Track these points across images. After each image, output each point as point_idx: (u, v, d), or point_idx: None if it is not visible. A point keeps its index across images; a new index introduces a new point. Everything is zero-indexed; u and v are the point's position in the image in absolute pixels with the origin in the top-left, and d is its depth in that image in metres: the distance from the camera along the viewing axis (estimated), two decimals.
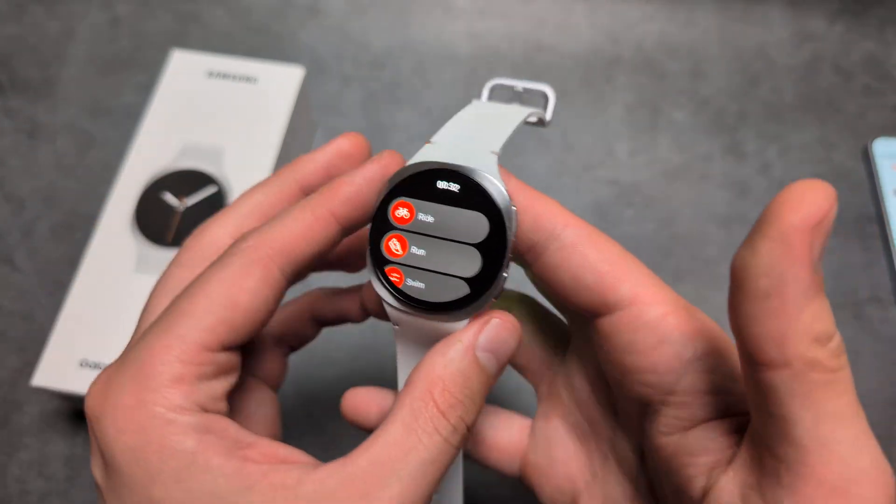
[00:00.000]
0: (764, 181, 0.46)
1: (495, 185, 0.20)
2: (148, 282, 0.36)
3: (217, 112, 0.41)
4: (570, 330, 0.25)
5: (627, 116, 0.48)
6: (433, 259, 0.21)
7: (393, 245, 0.21)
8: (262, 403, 0.26)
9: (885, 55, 0.50)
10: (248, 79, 0.42)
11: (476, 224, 0.20)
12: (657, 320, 0.19)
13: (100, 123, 0.48)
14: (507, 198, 0.20)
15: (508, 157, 0.47)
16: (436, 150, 0.21)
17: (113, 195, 0.39)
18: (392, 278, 0.21)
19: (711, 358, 0.19)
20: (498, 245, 0.20)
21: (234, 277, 0.20)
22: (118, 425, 0.18)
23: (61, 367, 0.34)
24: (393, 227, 0.21)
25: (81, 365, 0.34)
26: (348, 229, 0.22)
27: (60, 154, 0.47)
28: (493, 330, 0.21)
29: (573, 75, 0.50)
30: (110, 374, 0.19)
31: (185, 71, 0.43)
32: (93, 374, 0.34)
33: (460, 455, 0.24)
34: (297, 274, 0.22)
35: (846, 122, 0.48)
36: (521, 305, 0.26)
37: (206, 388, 0.20)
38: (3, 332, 0.41)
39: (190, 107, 0.42)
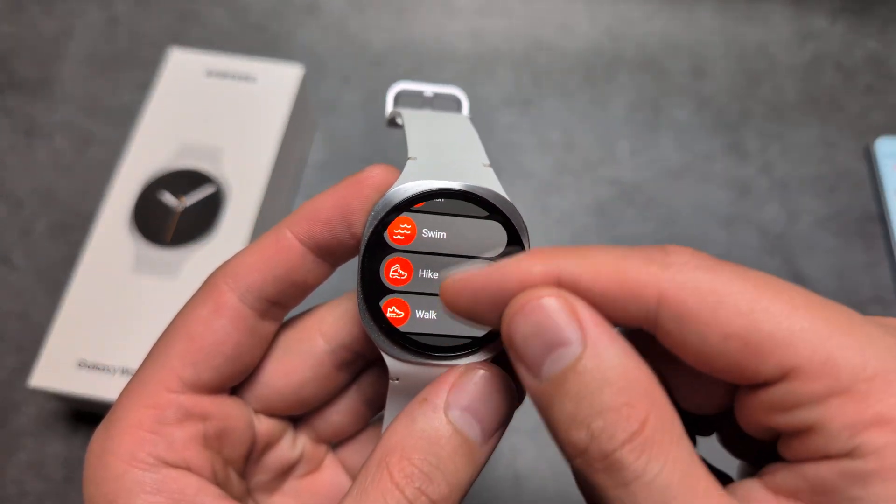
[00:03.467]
0: (765, 180, 0.46)
1: (506, 201, 0.18)
2: (146, 282, 0.36)
3: (216, 111, 0.41)
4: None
5: (629, 115, 0.48)
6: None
7: (395, 271, 0.18)
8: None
9: (887, 54, 0.50)
10: (246, 78, 0.42)
11: (492, 234, 0.18)
12: (816, 400, 0.14)
13: (98, 122, 0.47)
14: (519, 214, 0.18)
15: (509, 156, 0.47)
16: (424, 167, 0.18)
17: (111, 194, 0.39)
18: (395, 314, 0.17)
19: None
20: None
21: (190, 309, 0.19)
22: (86, 474, 0.18)
23: (59, 368, 0.34)
24: (393, 249, 0.18)
25: (79, 365, 0.34)
26: (324, 254, 0.20)
27: (58, 153, 0.46)
28: (473, 386, 0.17)
29: (574, 74, 0.50)
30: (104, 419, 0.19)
31: (183, 70, 0.43)
32: (91, 375, 0.34)
33: None
34: (267, 300, 0.19)
35: (848, 122, 0.48)
36: None
37: (168, 436, 0.18)
38: (0, 332, 0.41)
39: (188, 106, 0.41)
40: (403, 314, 0.18)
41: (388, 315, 0.18)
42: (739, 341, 0.14)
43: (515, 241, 0.18)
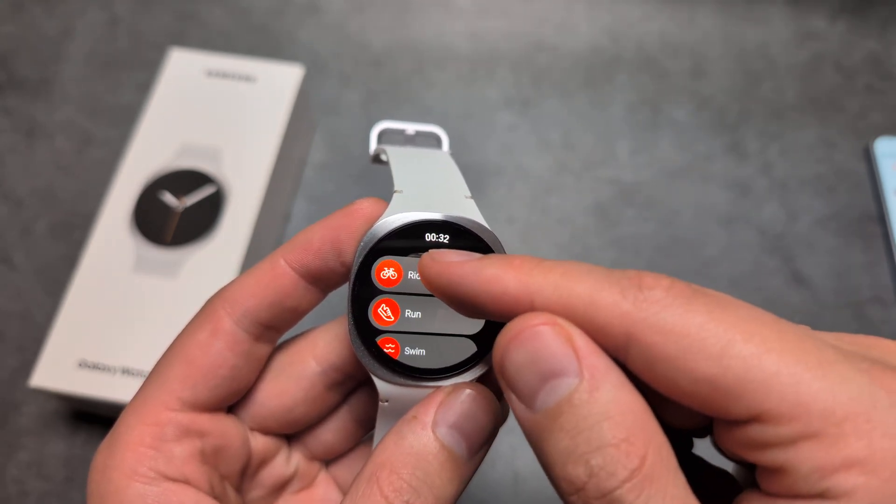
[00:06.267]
0: (765, 181, 0.46)
1: (487, 230, 0.19)
2: (147, 282, 0.36)
3: (216, 111, 0.41)
4: None
5: (628, 116, 0.48)
6: (431, 320, 0.19)
7: (383, 312, 0.19)
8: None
9: (886, 54, 0.50)
10: (246, 78, 0.42)
11: None
12: (786, 443, 0.14)
13: (98, 122, 0.47)
14: (500, 243, 0.19)
15: (509, 156, 0.47)
16: (409, 200, 0.19)
17: (111, 195, 0.39)
18: (387, 350, 0.19)
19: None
20: None
21: (189, 333, 0.20)
22: (89, 488, 0.19)
23: (60, 368, 0.34)
24: (380, 291, 0.19)
25: (80, 365, 0.34)
26: (316, 281, 0.21)
27: (59, 153, 0.46)
28: (459, 404, 0.18)
29: (574, 74, 0.50)
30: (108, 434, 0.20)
31: (183, 70, 0.43)
32: (91, 375, 0.34)
33: None
34: (262, 325, 0.20)
35: (848, 122, 0.48)
36: None
37: (168, 452, 0.19)
38: (1, 332, 0.41)
39: (188, 106, 0.41)
40: (394, 348, 0.19)
41: (385, 350, 0.19)
42: (708, 385, 0.14)
43: None
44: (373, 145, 0.24)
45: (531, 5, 0.52)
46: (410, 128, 0.24)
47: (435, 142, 0.25)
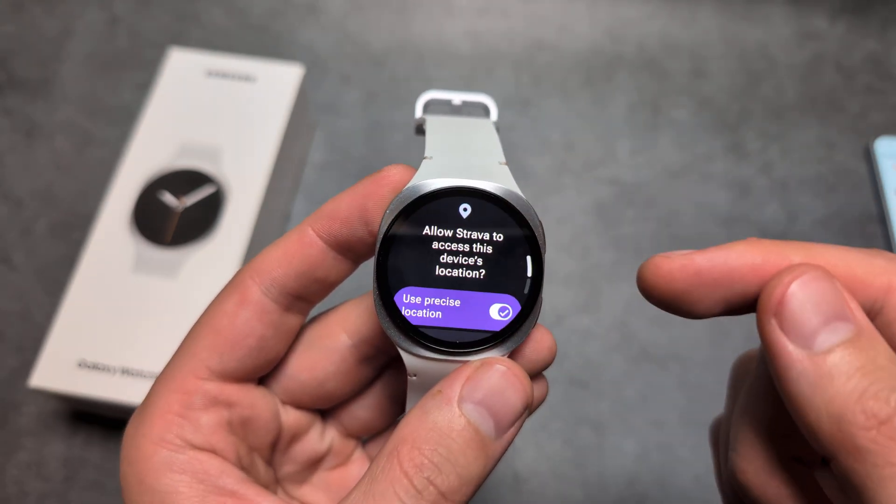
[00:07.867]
0: (765, 181, 0.46)
1: (520, 198, 0.18)
2: (146, 282, 0.36)
3: (216, 111, 0.41)
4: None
5: (629, 115, 0.48)
6: None
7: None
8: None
9: (886, 54, 0.50)
10: (246, 78, 0.42)
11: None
12: None
13: (98, 122, 0.47)
14: (533, 211, 0.18)
15: (509, 156, 0.46)
16: (439, 166, 0.19)
17: (111, 195, 0.39)
18: (407, 313, 0.18)
19: None
20: (534, 263, 0.18)
21: (217, 302, 0.20)
22: (122, 454, 0.19)
23: (59, 368, 0.34)
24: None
25: (80, 365, 0.34)
26: (344, 251, 0.20)
27: (58, 153, 0.46)
28: (488, 379, 0.17)
29: (574, 74, 0.50)
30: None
31: (183, 70, 0.43)
32: (91, 375, 0.34)
33: None
34: (290, 295, 0.20)
35: (848, 122, 0.48)
36: None
37: (195, 420, 0.19)
38: (1, 332, 0.41)
39: (188, 106, 0.41)
40: (420, 313, 0.18)
41: (403, 313, 0.18)
42: None
43: (530, 240, 0.18)
44: (418, 114, 0.23)
45: (531, 5, 0.52)
46: (457, 97, 0.23)
47: (482, 111, 0.24)
